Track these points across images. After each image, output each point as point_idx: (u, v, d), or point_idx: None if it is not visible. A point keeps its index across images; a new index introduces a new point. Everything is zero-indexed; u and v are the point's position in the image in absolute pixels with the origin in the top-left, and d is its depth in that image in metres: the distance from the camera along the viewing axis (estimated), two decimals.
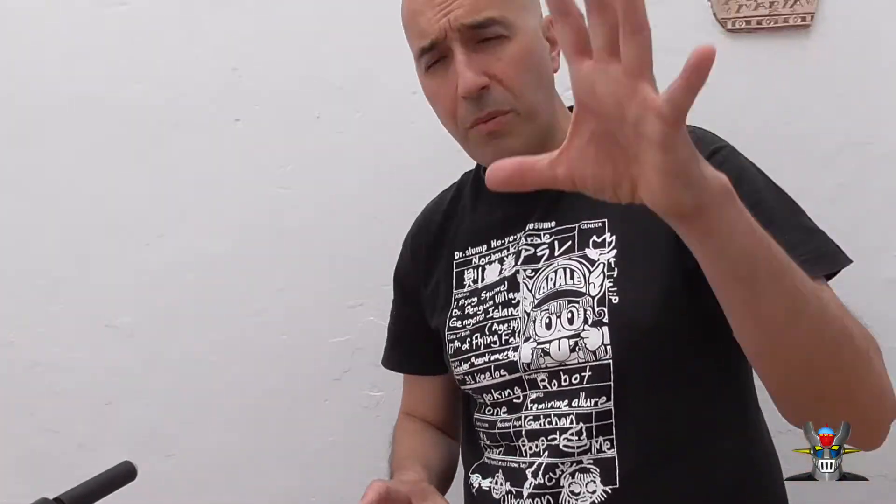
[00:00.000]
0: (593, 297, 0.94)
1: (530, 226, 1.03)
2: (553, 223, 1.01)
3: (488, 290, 1.05)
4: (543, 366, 0.96)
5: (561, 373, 0.95)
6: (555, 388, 0.96)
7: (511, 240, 1.05)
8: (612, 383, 0.93)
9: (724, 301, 0.72)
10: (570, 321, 0.95)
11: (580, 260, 0.97)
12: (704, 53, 0.54)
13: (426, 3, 0.97)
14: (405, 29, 1.03)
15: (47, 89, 1.50)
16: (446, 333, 1.08)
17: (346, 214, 1.45)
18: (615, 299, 0.93)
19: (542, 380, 0.97)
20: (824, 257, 0.89)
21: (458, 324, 1.07)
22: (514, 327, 1.00)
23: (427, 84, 1.02)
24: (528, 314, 0.99)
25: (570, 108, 1.04)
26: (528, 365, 0.97)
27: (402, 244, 1.21)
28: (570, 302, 0.96)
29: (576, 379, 0.94)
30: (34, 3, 1.49)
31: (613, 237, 0.96)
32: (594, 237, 0.97)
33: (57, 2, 1.49)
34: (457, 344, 1.06)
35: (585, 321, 0.94)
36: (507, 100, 0.96)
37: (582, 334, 0.94)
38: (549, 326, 0.96)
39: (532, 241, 1.02)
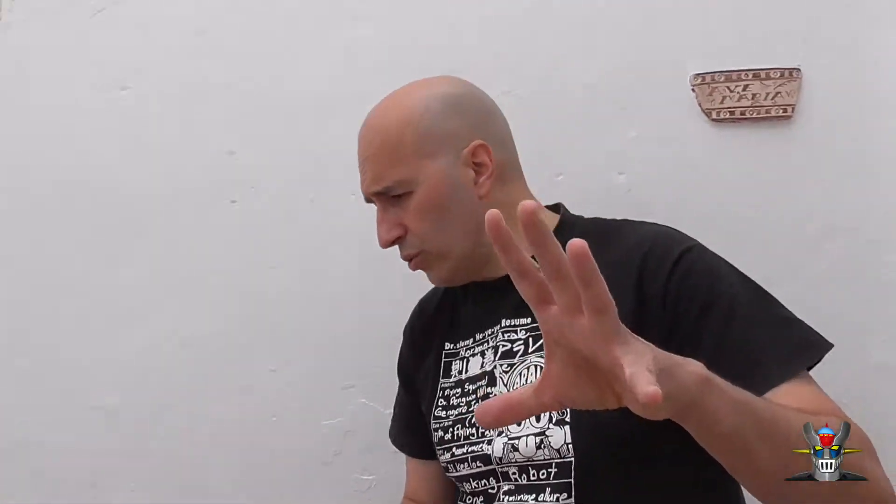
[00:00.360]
0: None
1: (507, 322, 1.07)
2: (528, 319, 1.05)
3: (471, 382, 1.09)
4: (513, 460, 1.00)
5: (529, 467, 0.99)
6: (524, 482, 0.99)
7: (490, 333, 1.10)
8: (572, 481, 0.96)
9: (722, 463, 0.77)
10: (538, 418, 0.98)
11: None
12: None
13: (359, 162, 1.10)
14: None
15: (43, 169, 1.52)
16: (432, 422, 1.12)
17: (338, 296, 1.46)
18: None
19: (514, 473, 1.00)
20: (804, 348, 0.91)
21: (443, 414, 1.11)
22: None
23: None
24: None
25: (554, 208, 1.14)
26: (500, 459, 1.01)
27: (402, 332, 1.27)
28: None
29: (543, 474, 0.98)
30: (35, 85, 1.52)
31: None
32: None
33: (57, 85, 1.52)
34: (440, 433, 1.10)
35: (550, 419, 0.97)
36: (415, 244, 1.07)
37: (547, 432, 0.97)
38: (519, 422, 0.99)
39: (509, 336, 1.07)
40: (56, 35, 1.52)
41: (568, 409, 0.95)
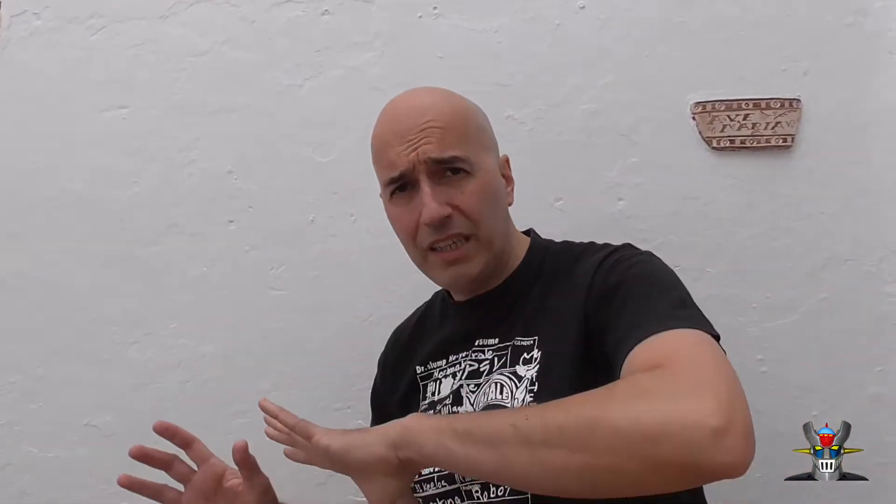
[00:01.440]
0: None
1: (478, 342, 1.10)
2: (496, 340, 1.08)
3: (441, 403, 1.11)
4: (475, 478, 1.00)
5: (490, 485, 0.99)
6: (485, 500, 1.00)
7: (463, 355, 1.12)
8: (528, 496, 0.96)
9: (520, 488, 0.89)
10: None
11: (510, 376, 1.03)
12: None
13: (396, 137, 1.04)
14: (374, 157, 1.11)
15: (40, 187, 1.51)
16: None
17: (336, 317, 1.45)
18: None
19: (476, 491, 1.01)
20: (688, 321, 0.86)
21: None
22: None
23: (391, 210, 1.10)
24: None
25: (526, 232, 1.15)
26: (463, 477, 1.02)
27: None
28: None
29: (500, 491, 0.99)
30: (35, 105, 1.52)
31: (539, 353, 1.01)
32: (524, 354, 1.03)
33: (55, 104, 1.52)
34: None
35: None
36: (467, 226, 1.04)
37: None
38: None
39: (477, 356, 1.09)
40: (55, 53, 1.52)
41: None
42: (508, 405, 1.00)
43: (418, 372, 1.17)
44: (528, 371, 1.01)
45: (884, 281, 1.36)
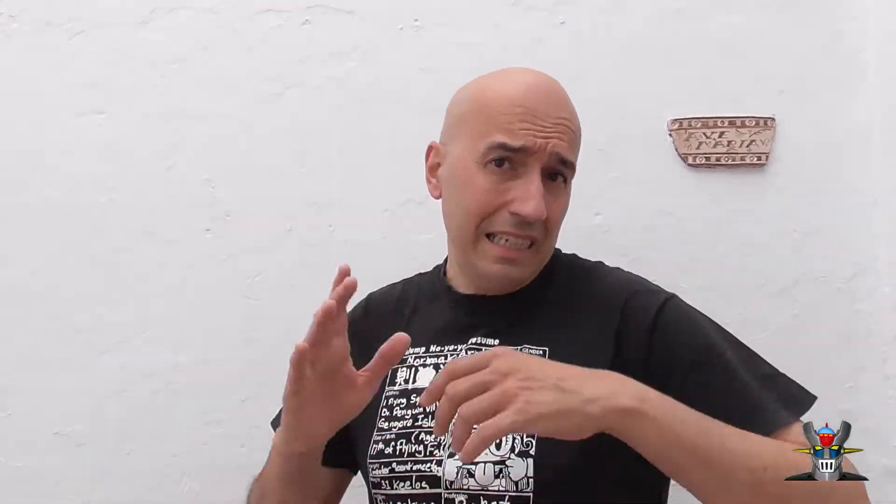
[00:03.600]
0: None
1: (474, 339, 1.04)
2: (497, 342, 1.02)
3: (418, 395, 1.03)
4: (466, 487, 0.96)
5: (481, 497, 0.94)
6: None
7: (452, 349, 1.05)
8: None
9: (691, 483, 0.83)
10: (498, 446, 0.95)
11: None
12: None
13: (529, 112, 0.97)
14: (480, 111, 1.01)
15: (15, 193, 1.49)
16: (374, 434, 1.05)
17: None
18: None
19: (461, 501, 0.95)
20: (793, 401, 0.94)
21: (385, 425, 1.04)
22: (440, 440, 0.99)
23: (478, 177, 1.00)
24: None
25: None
26: (451, 483, 0.96)
27: None
28: None
29: None
30: (11, 109, 1.51)
31: None
32: None
33: (32, 107, 1.50)
34: (381, 446, 1.03)
35: (512, 449, 0.94)
36: (541, 234, 1.01)
37: (507, 462, 0.94)
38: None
39: (472, 355, 1.01)
40: (33, 57, 1.50)
41: (533, 442, 0.94)
42: None
43: None
44: None
45: (855, 298, 1.38)
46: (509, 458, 0.94)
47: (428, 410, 1.02)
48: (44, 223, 1.48)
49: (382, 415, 1.06)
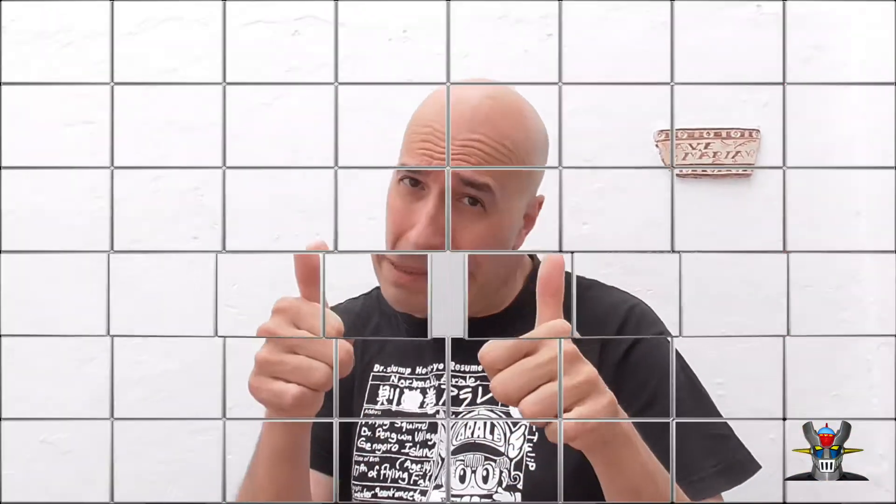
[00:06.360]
0: (511, 460, 0.95)
1: (456, 365, 1.01)
2: (480, 368, 0.99)
3: (406, 420, 1.02)
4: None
5: None
6: None
7: (435, 372, 1.03)
8: None
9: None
10: (485, 480, 0.94)
11: (502, 415, 0.97)
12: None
13: (438, 134, 0.95)
14: (409, 126, 1.01)
15: (4, 200, 1.49)
16: (354, 453, 1.03)
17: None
18: (532, 465, 0.94)
19: None
20: (736, 468, 0.95)
21: (367, 446, 1.03)
22: (426, 470, 0.98)
23: (393, 195, 1.00)
24: (443, 460, 0.97)
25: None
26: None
27: None
28: (486, 458, 0.95)
29: None
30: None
31: None
32: None
33: (21, 117, 1.51)
34: (363, 468, 1.02)
35: (500, 483, 0.94)
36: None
37: (495, 496, 0.93)
38: (462, 479, 0.95)
39: (456, 382, 1.01)
40: (22, 66, 1.51)
41: (522, 476, 0.93)
42: (501, 450, 0.95)
43: (375, 370, 1.06)
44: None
45: (840, 307, 1.39)
46: (496, 492, 0.93)
47: (416, 440, 1.01)
48: (30, 231, 1.48)
49: (363, 434, 1.03)
